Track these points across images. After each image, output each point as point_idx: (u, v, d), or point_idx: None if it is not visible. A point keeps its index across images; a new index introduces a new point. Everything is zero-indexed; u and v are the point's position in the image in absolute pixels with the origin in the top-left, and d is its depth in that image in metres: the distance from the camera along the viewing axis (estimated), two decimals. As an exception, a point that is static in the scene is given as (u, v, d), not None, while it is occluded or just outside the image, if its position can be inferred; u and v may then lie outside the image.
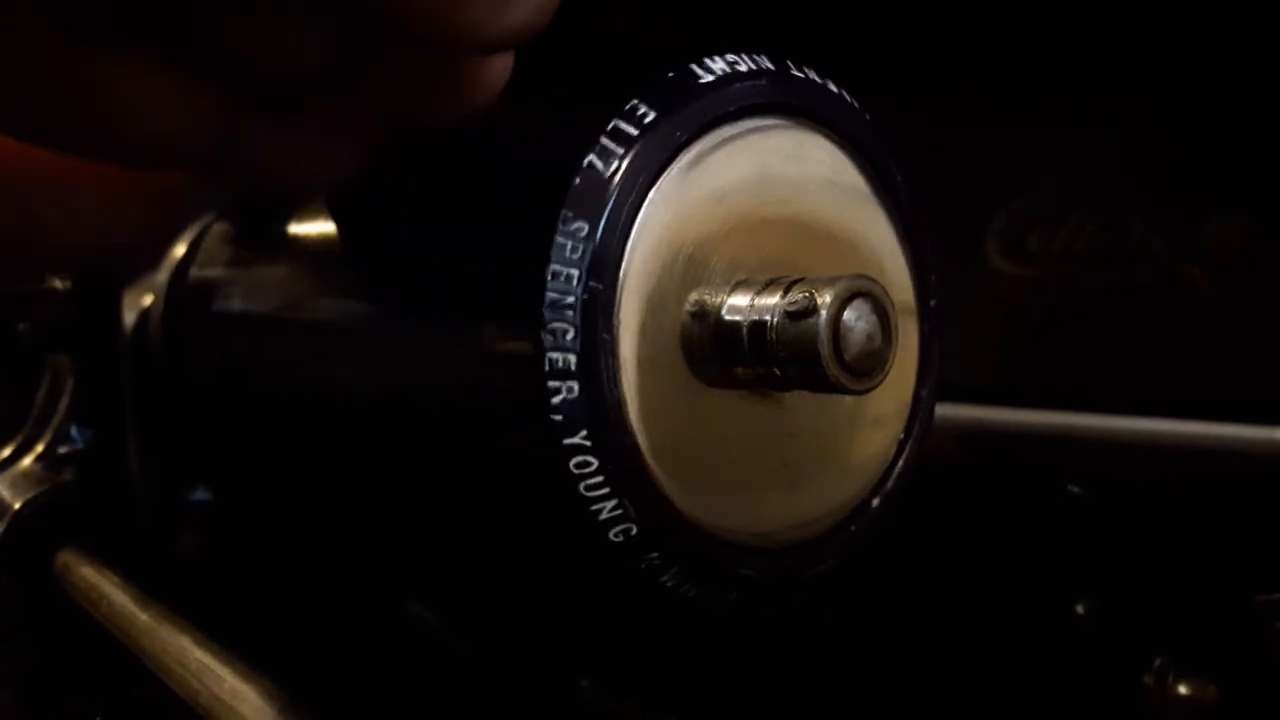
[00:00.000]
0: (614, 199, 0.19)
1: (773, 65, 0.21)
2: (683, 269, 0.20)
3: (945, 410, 0.24)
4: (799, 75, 0.21)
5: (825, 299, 0.19)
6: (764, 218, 0.21)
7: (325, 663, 0.30)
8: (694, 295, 0.20)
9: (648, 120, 0.19)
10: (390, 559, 0.33)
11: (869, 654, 0.29)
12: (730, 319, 0.20)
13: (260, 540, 0.37)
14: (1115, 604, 0.28)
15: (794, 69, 0.21)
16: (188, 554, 0.37)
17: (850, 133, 0.22)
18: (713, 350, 0.20)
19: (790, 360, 0.19)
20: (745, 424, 0.21)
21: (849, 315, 0.19)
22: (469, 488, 0.23)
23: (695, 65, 0.20)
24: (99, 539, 0.34)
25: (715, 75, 0.20)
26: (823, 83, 0.22)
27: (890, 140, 0.23)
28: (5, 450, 0.36)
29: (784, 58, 0.21)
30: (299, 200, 0.27)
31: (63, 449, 0.35)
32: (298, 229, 0.27)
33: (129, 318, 0.36)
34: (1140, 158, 0.32)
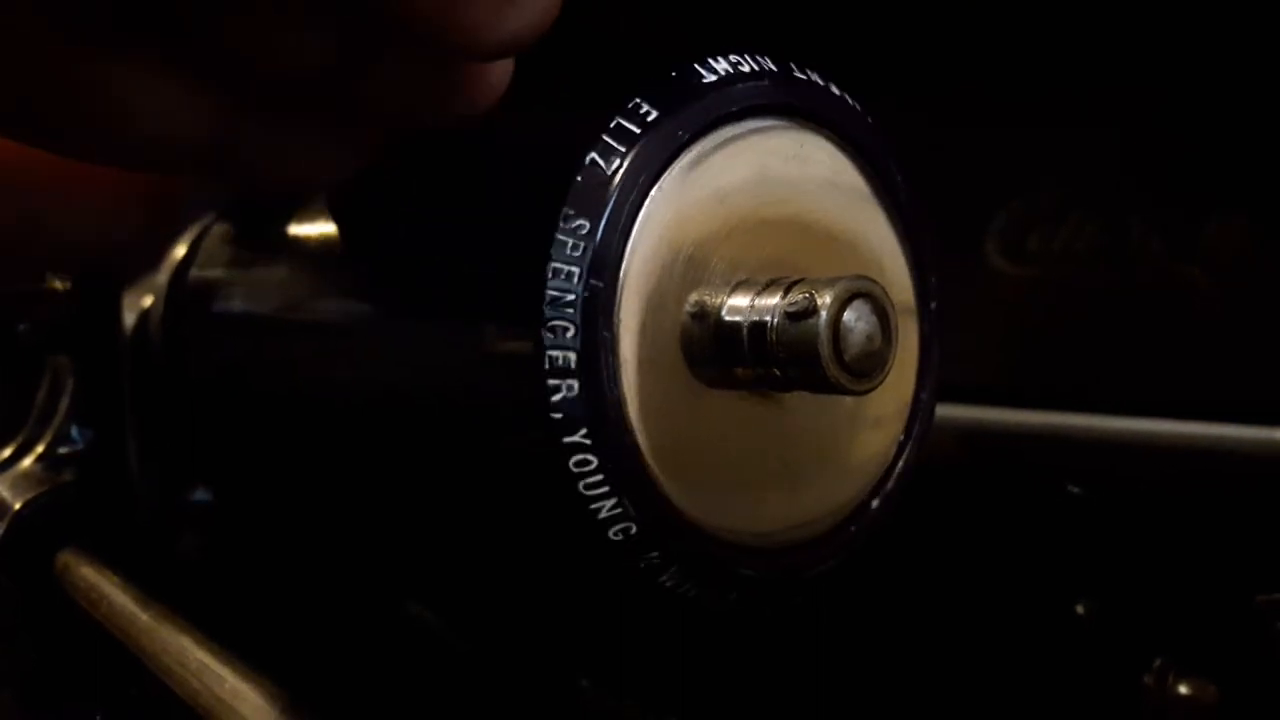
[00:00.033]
0: (615, 197, 0.19)
1: (775, 66, 0.21)
2: (683, 269, 0.20)
3: (945, 411, 0.24)
4: (801, 77, 0.21)
5: (825, 300, 0.19)
6: (765, 218, 0.21)
7: (325, 663, 0.30)
8: (694, 295, 0.20)
9: (650, 119, 0.19)
10: (390, 559, 0.33)
11: (869, 654, 0.29)
12: (730, 319, 0.20)
13: (260, 540, 0.37)
14: (1115, 604, 0.28)
15: (796, 70, 0.21)
16: (188, 554, 0.37)
17: (851, 134, 0.22)
18: (713, 350, 0.20)
19: (790, 361, 0.19)
20: (745, 424, 0.21)
21: (849, 316, 0.19)
22: (468, 486, 0.23)
23: (698, 65, 0.20)
24: (99, 539, 0.34)
25: (718, 75, 0.20)
26: (824, 84, 0.22)
27: (890, 142, 0.23)
28: (5, 451, 0.36)
29: (786, 59, 0.21)
30: (299, 200, 0.27)
31: (63, 449, 0.35)
32: (298, 229, 0.27)
33: (129, 318, 0.36)
34: (1140, 158, 0.32)
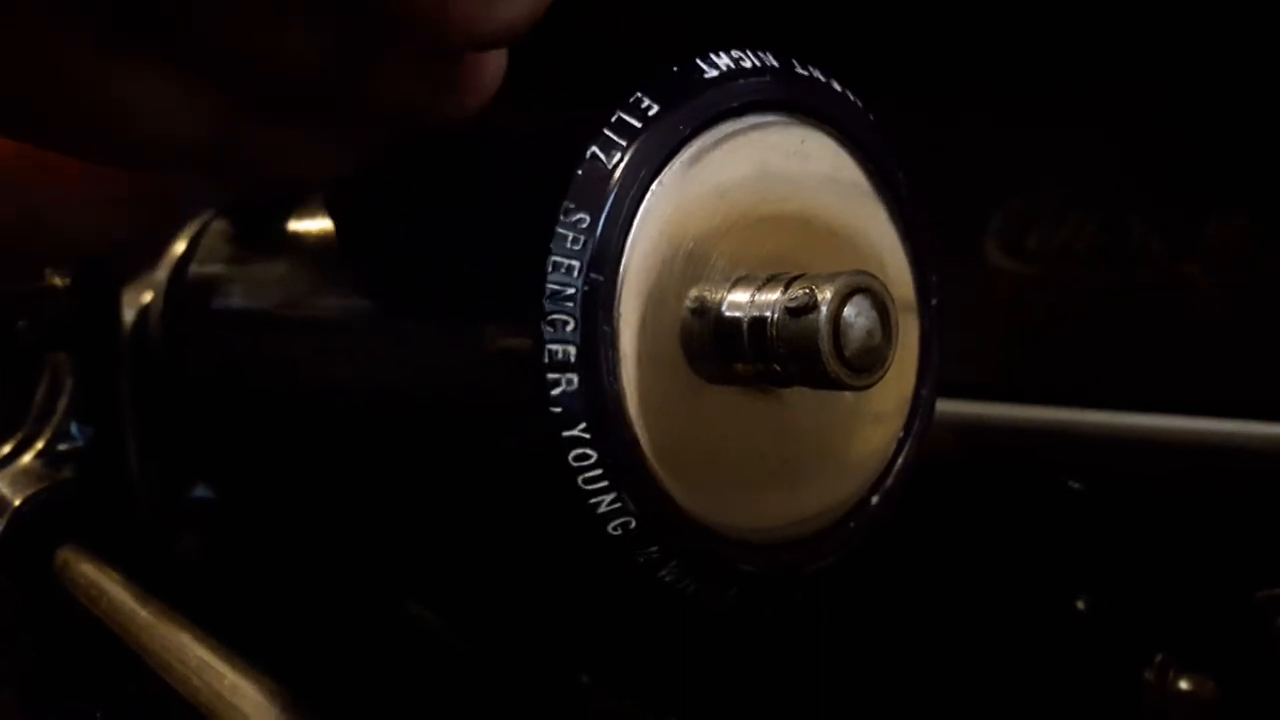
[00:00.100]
0: (616, 191, 0.19)
1: (777, 62, 0.21)
2: (683, 264, 0.20)
3: (945, 407, 0.24)
4: (802, 73, 0.21)
5: (825, 295, 0.19)
6: (765, 214, 0.21)
7: (325, 661, 0.30)
8: (694, 291, 0.20)
9: (651, 113, 0.19)
10: (390, 557, 0.33)
11: (869, 651, 0.29)
12: (730, 315, 0.20)
13: (260, 538, 0.37)
14: (1115, 600, 0.28)
15: (797, 67, 0.21)
16: (187, 551, 0.37)
17: (852, 130, 0.22)
18: (713, 346, 0.20)
19: (790, 356, 0.19)
20: (745, 420, 0.21)
21: (849, 311, 0.19)
22: (468, 481, 0.23)
23: (700, 60, 0.20)
24: (99, 536, 0.34)
25: (719, 71, 0.20)
26: (826, 81, 0.22)
27: (891, 139, 0.23)
28: (5, 448, 0.36)
29: (787, 56, 0.21)
30: (298, 197, 0.27)
31: (62, 446, 0.35)
32: (297, 225, 0.27)
33: (128, 315, 0.36)
34: (1140, 158, 0.32)
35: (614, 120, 0.19)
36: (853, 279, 0.19)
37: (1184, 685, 0.25)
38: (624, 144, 0.19)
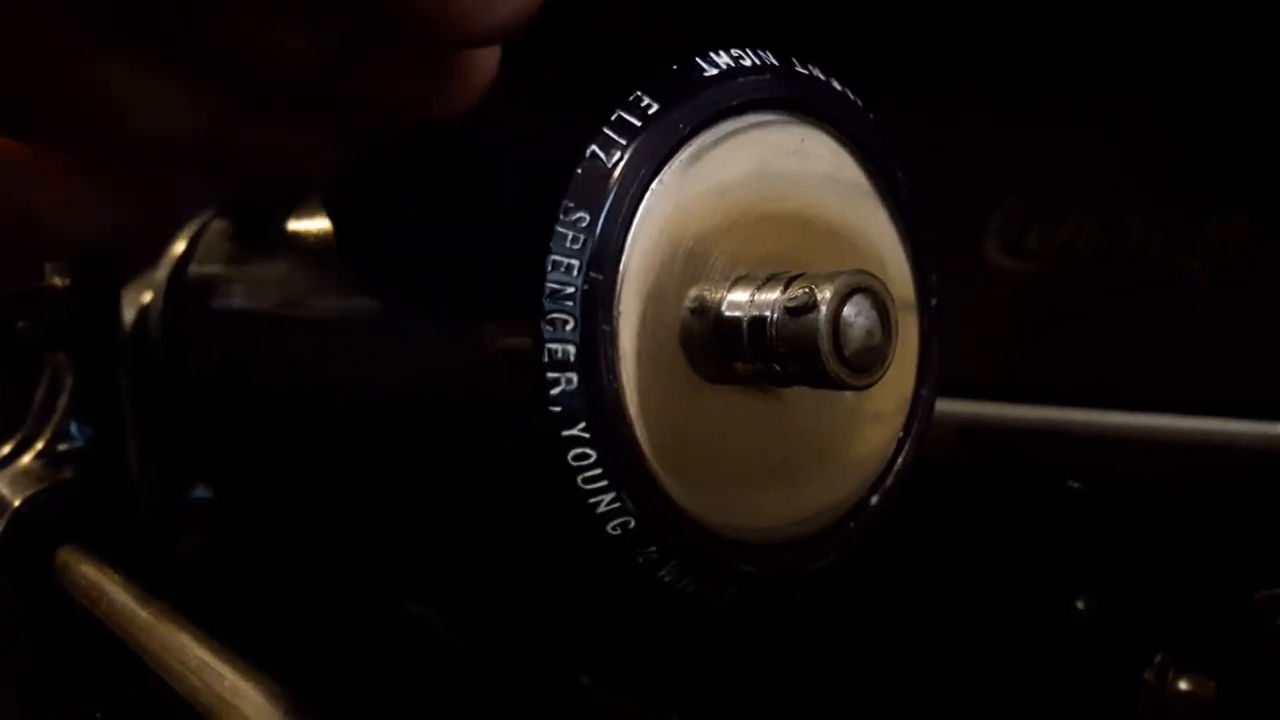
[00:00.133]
0: (615, 190, 0.19)
1: (777, 61, 0.21)
2: (683, 263, 0.20)
3: (945, 406, 0.24)
4: (802, 72, 0.21)
5: (825, 294, 0.19)
6: (765, 213, 0.21)
7: (325, 662, 0.30)
8: (694, 291, 0.20)
9: (651, 112, 0.19)
10: (390, 557, 0.33)
11: (869, 650, 0.29)
12: (730, 314, 0.20)
13: (260, 538, 0.37)
14: (1115, 600, 0.28)
15: (797, 65, 0.21)
16: (187, 552, 0.37)
17: (852, 130, 0.22)
18: (712, 345, 0.20)
19: (790, 356, 0.19)
20: (745, 420, 0.21)
21: (849, 311, 0.19)
22: (468, 481, 0.23)
23: (699, 59, 0.20)
24: (99, 537, 0.34)
25: (719, 69, 0.20)
26: (826, 79, 0.22)
27: (891, 138, 0.23)
28: (5, 448, 0.36)
29: (787, 55, 0.21)
30: (298, 196, 0.27)
31: (62, 447, 0.35)
32: (296, 225, 0.27)
33: (128, 315, 0.36)
34: (1140, 158, 0.32)
35: (614, 119, 0.19)
36: (852, 278, 0.19)
37: (1183, 685, 0.25)
38: (624, 143, 0.19)
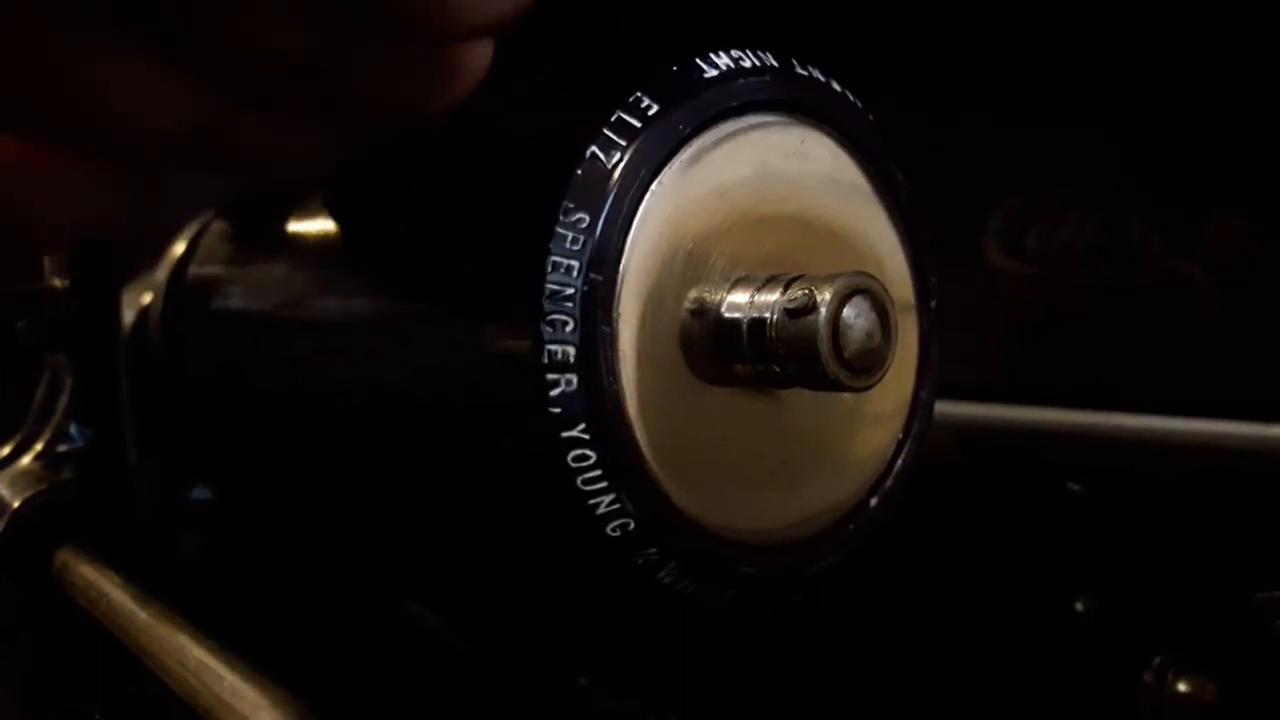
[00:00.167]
0: (615, 191, 0.19)
1: (776, 62, 0.21)
2: (683, 265, 0.20)
3: (944, 408, 0.24)
4: (802, 73, 0.21)
5: (825, 296, 0.19)
6: (765, 214, 0.21)
7: (325, 662, 0.30)
8: (693, 292, 0.20)
9: (651, 113, 0.19)
10: (390, 557, 0.33)
11: (869, 652, 0.29)
12: (730, 316, 0.20)
13: (260, 539, 0.37)
14: (1114, 601, 0.28)
15: (797, 66, 0.21)
16: (187, 552, 0.37)
17: (852, 131, 0.22)
18: (712, 347, 0.20)
19: (790, 357, 0.19)
20: (744, 421, 0.21)
21: (848, 312, 0.19)
22: (468, 482, 0.23)
23: (699, 60, 0.20)
24: (98, 537, 0.34)
25: (719, 70, 0.20)
26: (825, 81, 0.22)
27: (891, 139, 0.23)
28: (4, 449, 0.36)
29: (787, 55, 0.21)
30: (297, 197, 0.27)
31: (62, 447, 0.35)
32: (296, 225, 0.27)
33: (128, 316, 0.36)
34: (1140, 158, 0.32)
35: (613, 120, 0.19)
36: (852, 280, 0.19)
37: (1183, 687, 0.25)
38: (624, 144, 0.19)
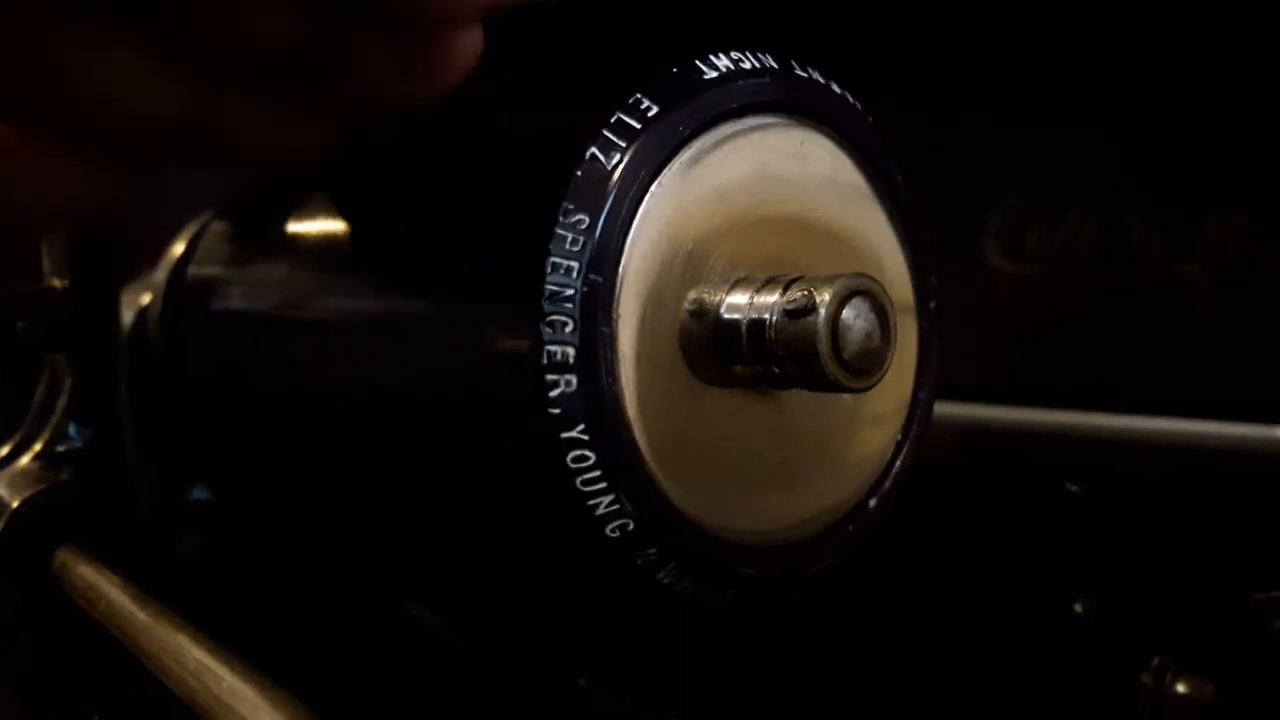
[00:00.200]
0: (615, 192, 0.19)
1: (776, 64, 0.21)
2: (682, 266, 0.20)
3: (943, 409, 0.24)
4: (802, 74, 0.21)
5: (824, 297, 0.19)
6: (764, 216, 0.21)
7: (325, 662, 0.30)
8: (693, 293, 0.20)
9: (650, 114, 0.19)
10: (390, 557, 0.33)
11: (868, 653, 0.29)
12: (729, 317, 0.20)
13: (260, 540, 0.37)
14: (1113, 602, 0.28)
15: (797, 68, 0.21)
16: (186, 553, 0.37)
17: (851, 133, 0.22)
18: (711, 348, 0.20)
19: (789, 358, 0.19)
20: (743, 422, 0.21)
21: (848, 314, 0.19)
22: (467, 483, 0.23)
23: (699, 61, 0.20)
24: (97, 538, 0.34)
25: (719, 72, 0.20)
26: (825, 83, 0.22)
27: (890, 141, 0.23)
28: (3, 449, 0.36)
29: (787, 57, 0.21)
30: (297, 197, 0.27)
31: (61, 448, 0.35)
32: (295, 227, 0.27)
33: (127, 316, 0.36)
34: (1140, 158, 0.32)
35: (613, 121, 0.19)
36: (851, 281, 0.19)
37: (1182, 688, 0.25)
38: (623, 145, 0.19)
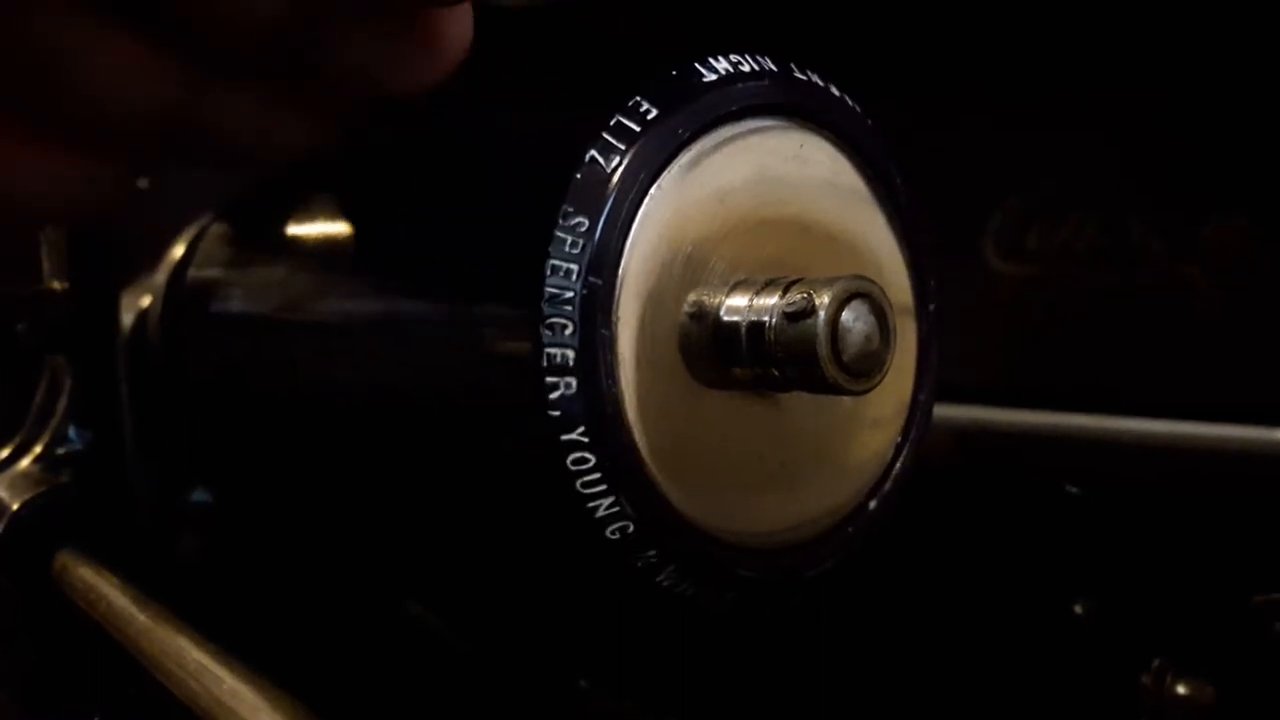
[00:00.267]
0: (615, 195, 0.19)
1: (775, 66, 0.21)
2: (682, 268, 0.20)
3: (943, 410, 0.24)
4: (801, 77, 0.21)
5: (823, 300, 0.19)
6: (764, 218, 0.21)
7: (325, 663, 0.30)
8: (692, 296, 0.20)
9: (650, 117, 0.19)
10: (390, 559, 0.33)
11: (868, 654, 0.29)
12: (728, 319, 0.20)
13: (260, 540, 0.37)
14: (1113, 604, 0.28)
15: (796, 71, 0.21)
16: (187, 555, 0.37)
17: (851, 135, 0.22)
18: (711, 350, 0.20)
19: (788, 361, 0.19)
20: (743, 424, 0.21)
21: (847, 316, 0.19)
22: (467, 484, 0.23)
23: (699, 64, 0.20)
24: (97, 540, 0.34)
25: (718, 74, 0.20)
26: (824, 85, 0.22)
27: (890, 143, 0.23)
28: (3, 451, 0.36)
29: (786, 59, 0.21)
30: (297, 199, 0.27)
31: (61, 450, 0.35)
32: (295, 230, 0.27)
33: (127, 318, 0.36)
34: (1140, 158, 0.32)
35: (613, 124, 0.19)
36: (851, 284, 0.19)
37: (1182, 690, 0.25)
38: (623, 147, 0.19)
